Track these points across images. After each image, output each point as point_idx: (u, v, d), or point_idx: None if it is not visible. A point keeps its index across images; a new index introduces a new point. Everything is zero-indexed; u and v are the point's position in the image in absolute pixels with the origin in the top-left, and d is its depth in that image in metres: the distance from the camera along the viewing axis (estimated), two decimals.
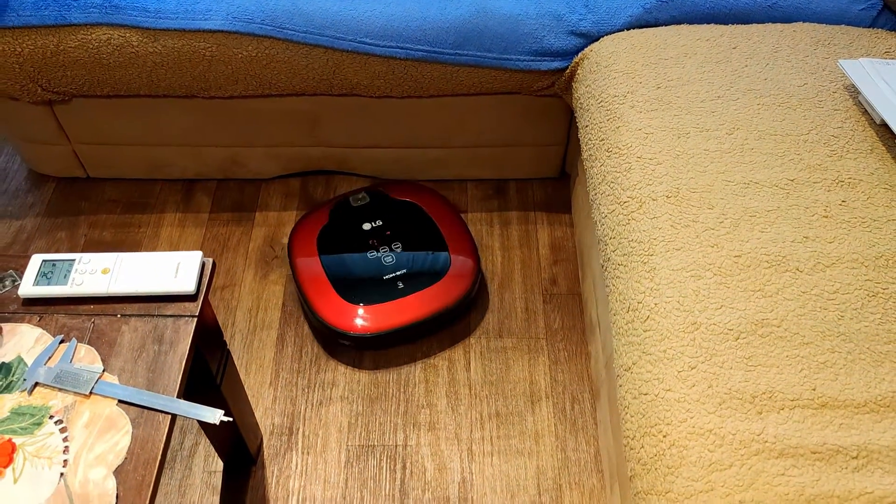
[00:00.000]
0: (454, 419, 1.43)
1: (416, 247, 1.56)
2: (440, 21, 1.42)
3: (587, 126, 1.31)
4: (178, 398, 0.91)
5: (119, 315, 0.97)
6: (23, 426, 0.88)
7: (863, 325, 0.93)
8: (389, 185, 1.71)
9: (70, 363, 0.92)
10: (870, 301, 0.95)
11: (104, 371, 0.92)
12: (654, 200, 1.09)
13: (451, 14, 1.43)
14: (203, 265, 1.01)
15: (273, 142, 1.70)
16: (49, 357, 0.93)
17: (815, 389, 0.88)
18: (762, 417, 0.86)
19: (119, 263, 1.01)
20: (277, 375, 1.49)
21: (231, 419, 1.01)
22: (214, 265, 1.02)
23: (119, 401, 0.90)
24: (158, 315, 0.97)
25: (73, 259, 1.01)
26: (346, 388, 1.47)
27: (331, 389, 1.47)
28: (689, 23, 1.42)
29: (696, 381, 0.90)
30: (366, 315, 1.47)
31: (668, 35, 1.36)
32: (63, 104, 1.59)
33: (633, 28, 1.42)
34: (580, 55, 1.42)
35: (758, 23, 1.41)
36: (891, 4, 1.39)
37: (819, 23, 1.40)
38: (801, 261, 1.00)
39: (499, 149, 1.72)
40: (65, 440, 0.87)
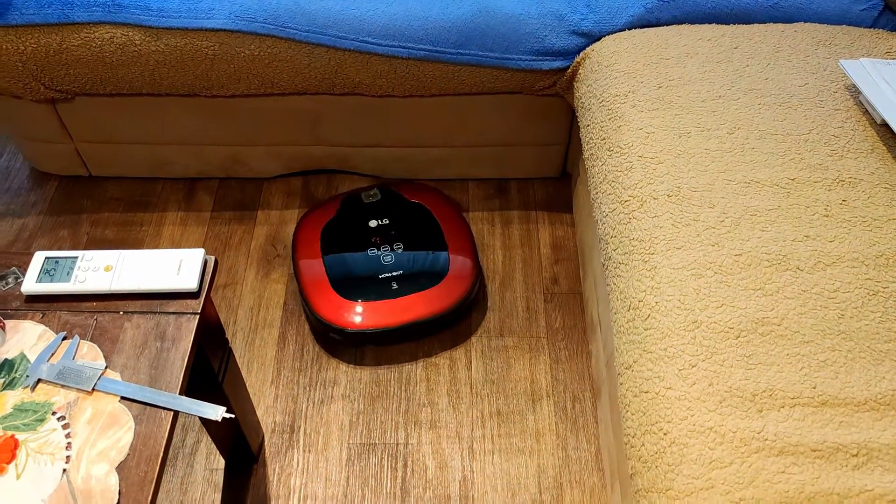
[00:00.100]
0: (455, 418, 1.43)
1: (417, 250, 1.56)
2: (442, 20, 1.42)
3: (588, 125, 1.31)
4: (181, 395, 0.91)
5: (121, 312, 0.98)
6: (25, 422, 0.88)
7: (863, 324, 0.93)
8: (402, 185, 1.70)
9: (73, 360, 0.93)
10: (870, 300, 0.96)
11: (107, 368, 0.93)
12: (656, 199, 1.09)
13: (453, 13, 1.43)
14: (205, 263, 1.01)
15: (275, 141, 1.70)
16: (52, 354, 0.93)
17: (816, 387, 0.88)
18: (762, 415, 0.87)
19: (122, 261, 1.01)
20: (279, 374, 1.49)
21: (233, 416, 1.01)
22: (217, 263, 1.03)
23: (121, 397, 0.90)
24: (161, 312, 0.98)
25: (76, 256, 1.01)
26: (348, 387, 1.47)
27: (332, 388, 1.47)
28: (691, 22, 1.42)
29: (697, 380, 0.90)
30: (356, 311, 1.47)
31: (670, 35, 1.37)
32: (66, 102, 1.60)
33: (635, 28, 1.42)
34: (582, 55, 1.42)
35: (759, 23, 1.41)
36: (892, 5, 1.39)
37: (820, 23, 1.40)
38: (802, 259, 1.00)
39: (500, 148, 1.72)
40: (67, 436, 0.87)
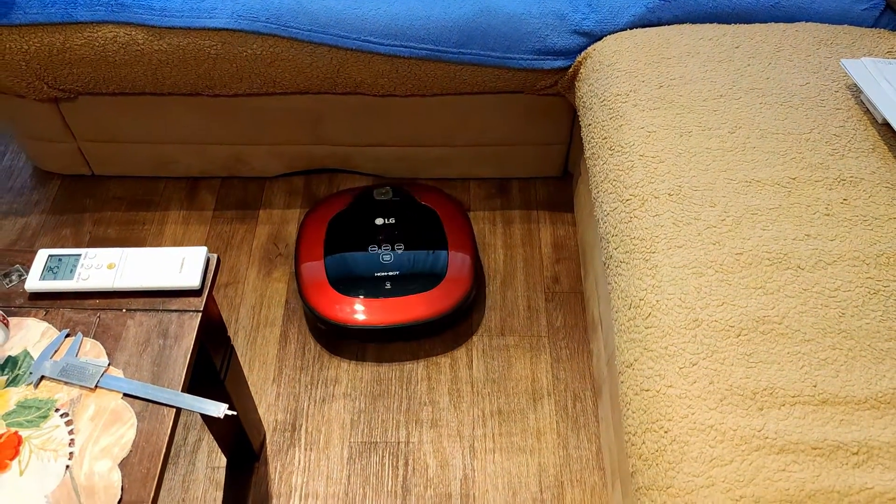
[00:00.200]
0: (456, 416, 1.43)
1: (417, 254, 1.55)
2: (444, 20, 1.43)
3: (590, 125, 1.31)
4: (183, 392, 0.91)
5: (124, 309, 0.98)
6: (29, 419, 0.88)
7: (864, 323, 0.94)
8: (416, 187, 1.69)
9: (76, 357, 0.93)
10: (871, 298, 0.96)
11: (109, 365, 0.93)
12: (657, 198, 1.10)
13: (455, 13, 1.43)
14: (208, 261, 1.02)
15: (277, 140, 1.70)
16: (55, 351, 0.94)
17: (816, 386, 0.88)
18: (763, 413, 0.87)
19: (124, 258, 1.01)
20: (280, 372, 1.49)
21: (235, 413, 1.01)
22: (219, 261, 1.03)
23: (124, 394, 0.90)
24: (163, 310, 0.98)
25: (79, 254, 1.02)
26: (349, 385, 1.47)
27: (333, 386, 1.47)
28: (692, 22, 1.42)
29: (698, 378, 0.91)
30: (343, 304, 1.47)
31: (671, 34, 1.37)
32: (69, 102, 1.60)
33: (636, 27, 1.42)
34: (583, 54, 1.43)
35: (760, 22, 1.41)
36: (893, 4, 1.39)
37: (822, 22, 1.40)
38: (803, 258, 1.00)
39: (502, 147, 1.72)
40: (70, 433, 0.87)
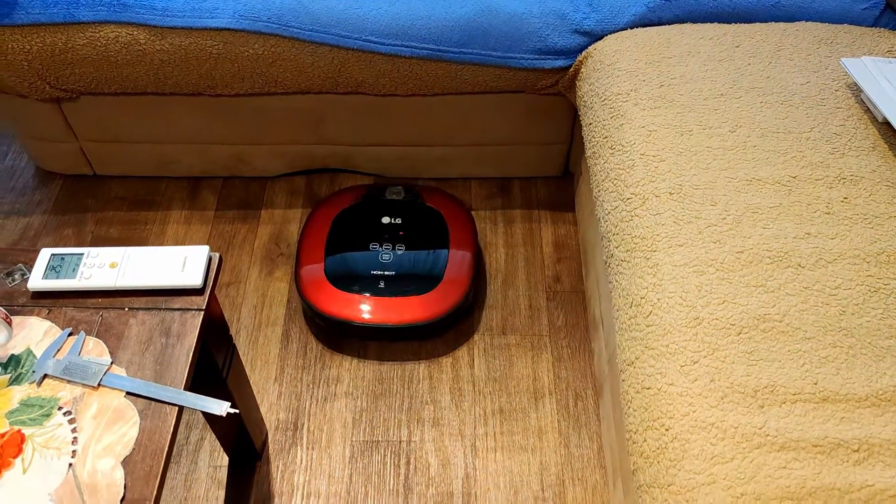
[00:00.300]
0: (458, 415, 1.43)
1: (417, 258, 1.55)
2: (445, 20, 1.43)
3: (591, 124, 1.31)
4: (186, 391, 0.92)
5: (127, 308, 0.98)
6: (32, 417, 0.89)
7: (864, 321, 0.94)
8: (428, 190, 1.68)
9: (78, 355, 0.93)
10: (871, 297, 0.96)
11: (112, 363, 0.93)
12: (658, 197, 1.10)
13: (456, 13, 1.43)
14: (210, 259, 1.02)
15: (278, 140, 1.71)
16: (58, 349, 0.94)
17: (817, 384, 0.89)
18: (764, 411, 0.87)
19: (127, 257, 1.01)
20: (282, 371, 1.50)
21: (237, 411, 1.02)
22: (221, 259, 1.03)
23: (127, 392, 0.91)
24: (166, 308, 0.98)
25: (82, 253, 1.02)
26: (351, 385, 1.48)
27: (335, 385, 1.48)
28: (693, 21, 1.43)
29: (699, 376, 0.91)
30: (333, 295, 1.48)
31: (672, 34, 1.37)
32: (71, 101, 1.60)
33: (637, 27, 1.42)
34: (584, 53, 1.43)
35: (761, 22, 1.41)
36: (893, 4, 1.40)
37: (822, 22, 1.40)
38: (803, 257, 1.00)
39: (503, 147, 1.72)
40: (73, 431, 0.88)
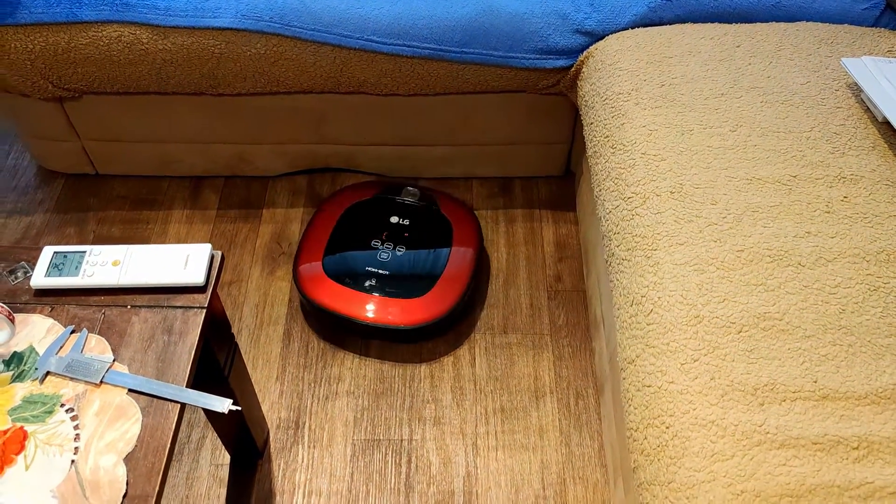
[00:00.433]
0: (459, 414, 1.44)
1: (413, 263, 1.55)
2: (447, 19, 1.43)
3: (592, 123, 1.32)
4: (188, 388, 0.92)
5: (129, 306, 0.99)
6: (34, 414, 0.89)
7: (864, 319, 0.94)
8: (443, 197, 1.67)
9: (81, 353, 0.94)
10: (871, 295, 0.96)
11: (114, 361, 0.94)
12: (658, 196, 1.10)
13: (458, 12, 1.44)
14: (212, 257, 1.02)
15: (280, 139, 1.71)
16: (60, 347, 0.94)
17: (817, 382, 0.89)
18: (764, 409, 0.87)
19: (129, 255, 1.02)
20: (284, 370, 1.50)
21: (239, 409, 1.02)
22: (223, 258, 1.04)
23: (129, 390, 0.91)
24: (168, 306, 0.99)
25: (85, 251, 1.02)
26: (352, 383, 1.48)
27: (337, 384, 1.48)
28: (694, 21, 1.43)
29: (699, 374, 0.91)
30: (324, 287, 1.50)
31: (673, 33, 1.37)
32: (73, 101, 1.61)
33: (638, 27, 1.43)
34: (585, 53, 1.43)
35: (761, 22, 1.42)
36: (893, 4, 1.40)
37: (822, 22, 1.41)
38: (803, 255, 1.01)
39: (504, 147, 1.73)
40: (76, 428, 0.88)
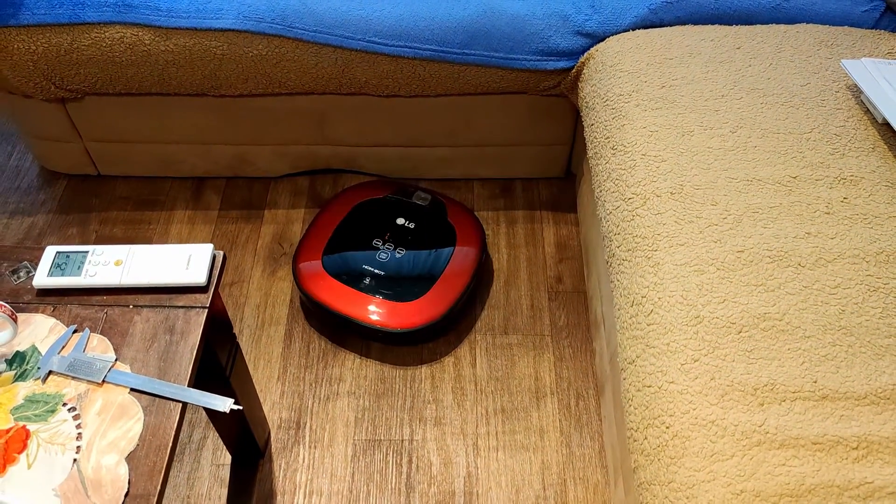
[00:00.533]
0: (460, 414, 1.44)
1: (413, 264, 1.55)
2: (448, 21, 1.44)
3: (593, 124, 1.32)
4: (189, 387, 0.92)
5: (131, 306, 0.99)
6: (37, 413, 0.89)
7: (863, 320, 0.94)
8: (453, 204, 1.67)
9: (83, 352, 0.94)
10: (870, 296, 0.97)
11: (117, 360, 0.94)
12: (659, 197, 1.11)
13: (459, 14, 1.44)
14: (214, 257, 1.03)
15: (282, 140, 1.71)
16: (63, 346, 0.95)
17: (816, 382, 0.89)
18: (764, 409, 0.87)
19: (131, 255, 1.02)
20: (285, 370, 1.50)
21: (240, 408, 1.02)
22: (225, 258, 1.04)
23: (131, 389, 0.91)
24: (170, 306, 0.99)
25: (87, 251, 1.03)
26: (353, 384, 1.48)
27: (338, 385, 1.48)
28: (694, 23, 1.43)
29: (699, 374, 0.91)
30: (323, 284, 1.51)
31: (673, 35, 1.38)
32: (75, 102, 1.61)
33: (639, 28, 1.43)
34: (586, 55, 1.44)
35: (761, 23, 1.42)
36: (893, 6, 1.40)
37: (822, 24, 1.41)
38: (803, 256, 1.01)
39: (505, 148, 1.73)
40: (78, 427, 0.88)
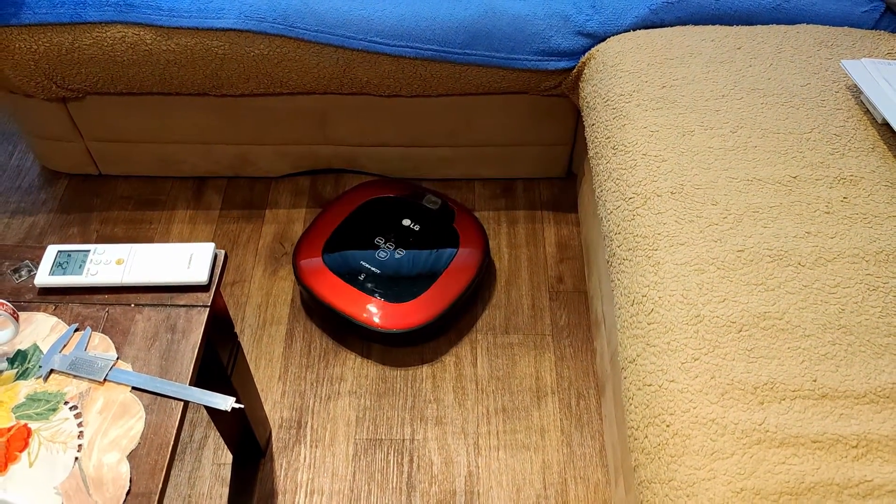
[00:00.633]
0: (461, 414, 1.44)
1: (411, 266, 1.55)
2: (449, 21, 1.44)
3: (594, 124, 1.32)
4: (191, 386, 0.93)
5: (133, 304, 0.99)
6: (38, 412, 0.90)
7: (863, 319, 0.94)
8: (461, 210, 1.66)
9: (85, 351, 0.94)
10: (870, 295, 0.97)
11: (118, 359, 0.94)
12: (659, 196, 1.11)
13: (460, 14, 1.45)
14: (215, 256, 1.03)
15: (283, 140, 1.72)
16: (64, 345, 0.95)
17: (816, 380, 0.89)
18: (764, 408, 0.88)
19: (133, 254, 1.02)
20: (286, 370, 1.50)
21: (242, 406, 1.02)
22: (226, 257, 1.04)
23: (133, 387, 0.92)
24: (171, 305, 0.99)
25: (88, 250, 1.03)
26: (355, 383, 1.48)
27: (339, 384, 1.48)
28: (695, 24, 1.44)
29: (699, 373, 0.92)
30: (318, 275, 1.52)
31: (674, 35, 1.38)
32: (77, 101, 1.62)
33: (640, 29, 1.43)
34: (587, 55, 1.44)
35: (762, 24, 1.42)
36: (893, 7, 1.40)
37: (822, 24, 1.41)
38: (803, 255, 1.01)
39: (506, 148, 1.73)
40: (79, 425, 0.88)
